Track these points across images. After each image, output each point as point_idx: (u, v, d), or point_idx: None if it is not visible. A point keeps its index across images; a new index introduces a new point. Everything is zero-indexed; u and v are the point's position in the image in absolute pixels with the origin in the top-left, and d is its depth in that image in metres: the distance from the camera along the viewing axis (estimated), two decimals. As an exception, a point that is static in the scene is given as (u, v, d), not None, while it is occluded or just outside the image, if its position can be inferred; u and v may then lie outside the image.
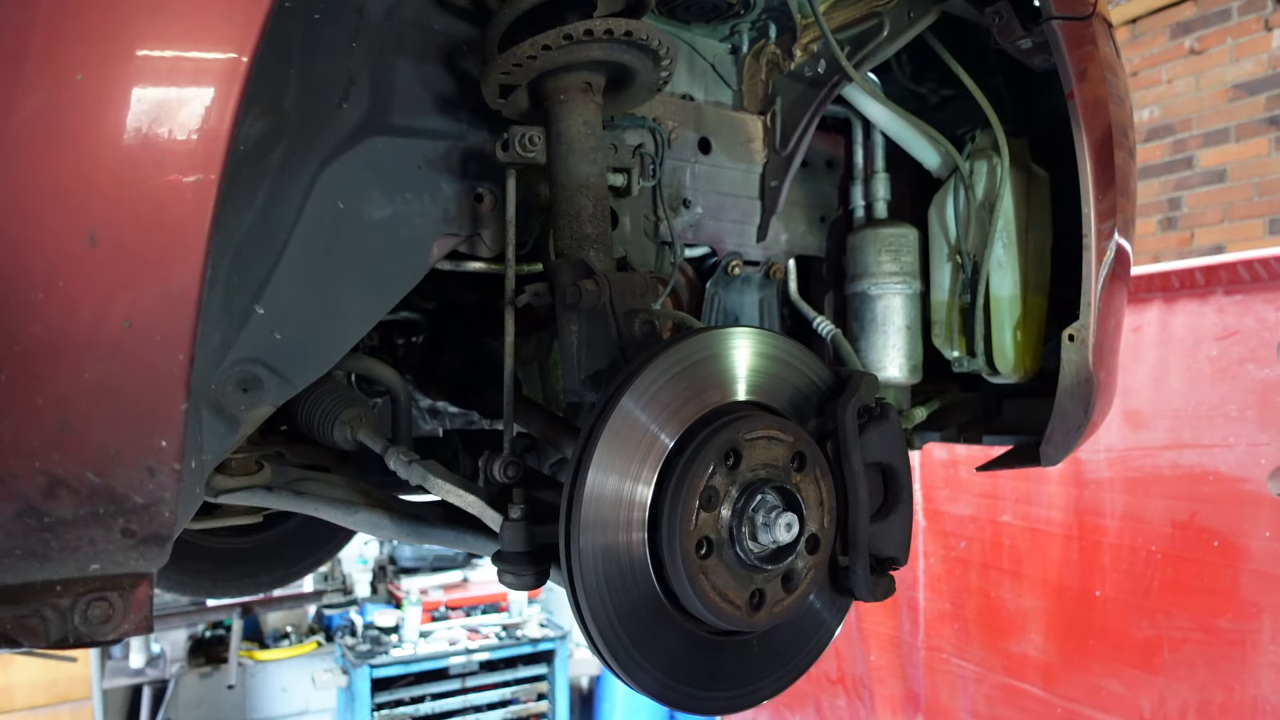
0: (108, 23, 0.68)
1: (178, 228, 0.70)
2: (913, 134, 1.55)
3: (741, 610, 0.85)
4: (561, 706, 6.06)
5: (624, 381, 0.83)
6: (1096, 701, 3.11)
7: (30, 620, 0.70)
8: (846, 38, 1.39)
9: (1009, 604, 3.44)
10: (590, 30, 0.98)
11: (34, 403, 0.67)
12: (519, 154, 1.06)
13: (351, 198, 1.02)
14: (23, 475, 0.67)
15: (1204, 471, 2.87)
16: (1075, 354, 1.35)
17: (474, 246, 1.14)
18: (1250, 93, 4.88)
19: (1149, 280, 3.03)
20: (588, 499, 0.81)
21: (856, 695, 4.15)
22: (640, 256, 1.33)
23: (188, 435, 0.73)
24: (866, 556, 0.93)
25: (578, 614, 0.83)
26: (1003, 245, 1.51)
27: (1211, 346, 2.88)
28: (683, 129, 1.38)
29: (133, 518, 0.71)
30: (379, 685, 5.56)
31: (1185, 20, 5.16)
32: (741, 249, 1.47)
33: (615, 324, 0.99)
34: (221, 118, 0.70)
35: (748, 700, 0.93)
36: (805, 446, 0.89)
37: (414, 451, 1.12)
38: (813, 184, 1.63)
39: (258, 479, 1.23)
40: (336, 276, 1.00)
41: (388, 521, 1.19)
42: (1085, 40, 1.29)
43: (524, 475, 1.04)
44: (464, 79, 1.11)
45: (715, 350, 0.88)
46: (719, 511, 0.84)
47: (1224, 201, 5.01)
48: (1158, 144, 5.25)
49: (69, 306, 0.67)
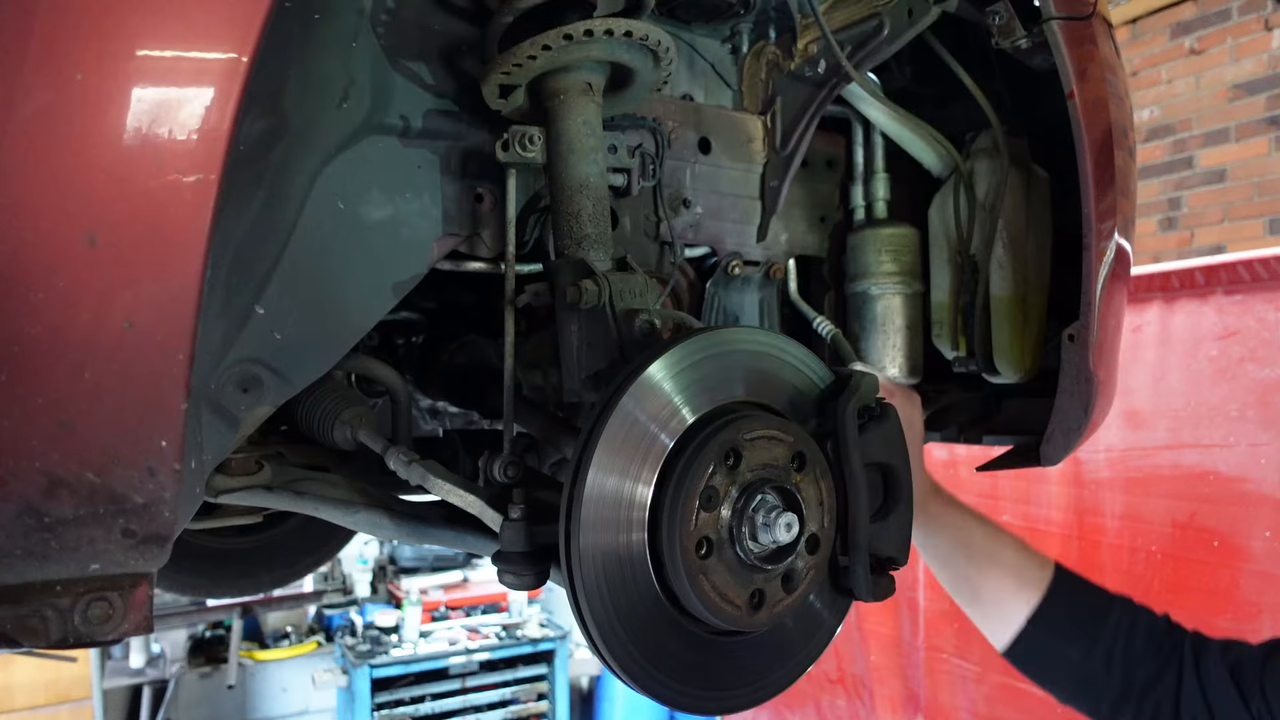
0: (107, 23, 0.68)
1: (177, 228, 0.70)
2: (913, 134, 1.55)
3: (741, 610, 0.85)
4: (561, 706, 6.06)
5: (624, 381, 0.83)
6: (1096, 701, 3.11)
7: (30, 620, 0.70)
8: (846, 38, 1.39)
9: (1009, 604, 3.44)
10: (590, 30, 0.98)
11: (34, 403, 0.67)
12: (519, 154, 1.06)
13: (351, 198, 1.02)
14: (23, 475, 0.67)
15: (1204, 471, 2.87)
16: (1075, 354, 1.35)
17: (474, 246, 1.14)
18: (1250, 93, 4.88)
19: (1149, 280, 3.04)
20: (588, 499, 0.81)
21: (856, 695, 4.15)
22: (640, 256, 1.33)
23: (188, 435, 0.73)
24: (866, 556, 0.93)
25: (578, 614, 0.83)
26: (1003, 245, 1.51)
27: (1211, 346, 2.88)
28: (683, 129, 1.38)
29: (133, 518, 0.71)
30: (379, 685, 5.57)
31: (1185, 20, 5.16)
32: (741, 249, 1.47)
33: (615, 324, 0.99)
34: (221, 118, 0.70)
35: (748, 700, 0.93)
36: (805, 446, 0.89)
37: (414, 451, 1.12)
38: (813, 184, 1.63)
39: (258, 479, 1.23)
40: (336, 276, 1.01)
41: (388, 521, 1.19)
42: (1085, 40, 1.29)
43: (524, 475, 1.04)
44: (464, 79, 1.11)
45: (715, 350, 0.88)
46: (719, 511, 0.84)
47: (1224, 201, 5.01)
48: (1158, 144, 5.26)
49: (69, 307, 0.67)
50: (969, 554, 1.36)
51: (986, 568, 1.35)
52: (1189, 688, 1.26)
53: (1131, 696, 1.29)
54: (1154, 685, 1.28)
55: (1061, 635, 1.32)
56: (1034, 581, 1.33)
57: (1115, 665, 1.29)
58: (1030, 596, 1.32)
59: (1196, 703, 1.25)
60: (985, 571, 1.35)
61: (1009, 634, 1.35)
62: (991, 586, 1.35)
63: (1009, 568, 1.34)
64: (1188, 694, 1.26)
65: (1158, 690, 1.27)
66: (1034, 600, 1.32)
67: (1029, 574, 1.34)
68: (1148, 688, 1.28)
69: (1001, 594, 1.34)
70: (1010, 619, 1.34)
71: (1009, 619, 1.34)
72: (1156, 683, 1.28)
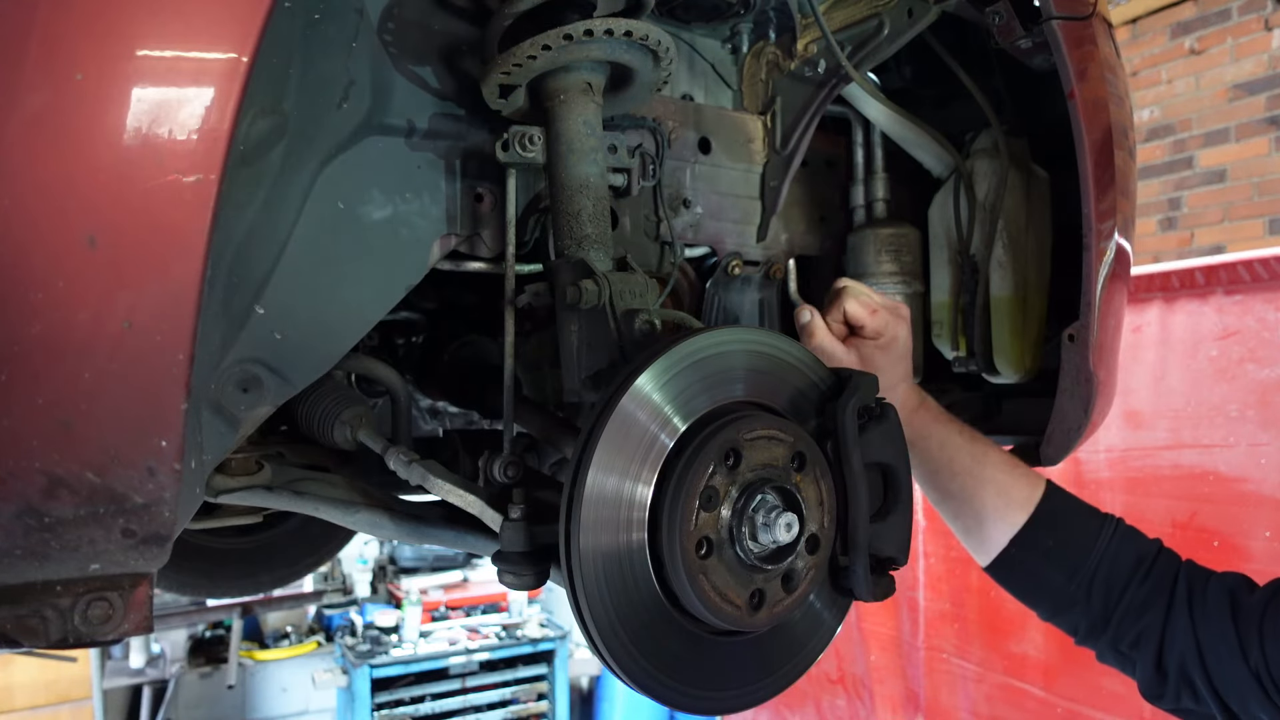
0: (107, 22, 0.68)
1: (177, 228, 0.70)
2: (913, 134, 1.55)
3: (741, 610, 0.85)
4: (561, 706, 6.06)
5: (624, 381, 0.83)
6: (1096, 701, 3.11)
7: (30, 620, 0.70)
8: (846, 38, 1.39)
9: (1009, 604, 3.43)
10: (590, 30, 0.98)
11: (34, 403, 0.67)
12: (519, 154, 1.06)
13: (351, 198, 1.02)
14: (23, 475, 0.67)
15: (1204, 471, 2.87)
16: (1075, 354, 1.35)
17: (474, 246, 1.13)
18: (1250, 93, 4.88)
19: (1149, 280, 3.04)
20: (588, 499, 0.81)
21: (856, 695, 4.15)
22: (640, 256, 1.33)
23: (188, 435, 0.73)
24: (866, 556, 0.93)
25: (578, 614, 0.83)
26: (1003, 245, 1.51)
27: (1211, 346, 2.88)
28: (683, 129, 1.38)
29: (133, 518, 0.71)
30: (379, 685, 5.57)
31: (1185, 20, 5.16)
32: (741, 249, 1.47)
33: (615, 324, 0.99)
34: (221, 118, 0.70)
35: (748, 700, 0.93)
36: (805, 446, 0.89)
37: (414, 451, 1.12)
38: (813, 184, 1.63)
39: (258, 479, 1.23)
40: (336, 277, 1.00)
41: (388, 521, 1.19)
42: (1085, 40, 1.29)
43: (524, 475, 1.04)
44: (464, 79, 1.11)
45: (715, 350, 0.88)
46: (719, 511, 0.84)
47: (1224, 201, 5.01)
48: (1158, 144, 5.25)
49: (69, 307, 0.67)
50: (953, 472, 1.31)
51: (971, 486, 1.29)
52: (1178, 623, 1.19)
53: (1110, 623, 1.23)
54: (1138, 615, 1.22)
55: (1043, 558, 1.27)
56: (1019, 503, 1.27)
57: (1096, 592, 1.23)
58: (1015, 518, 1.27)
59: (1185, 640, 1.18)
60: (970, 490, 1.29)
61: (990, 555, 1.30)
62: (975, 506, 1.29)
63: (994, 487, 1.28)
64: (1176, 629, 1.19)
65: (1141, 621, 1.21)
66: (1018, 522, 1.27)
67: (1015, 494, 1.28)
68: (1129, 616, 1.22)
69: (984, 514, 1.29)
70: (993, 540, 1.29)
71: (991, 540, 1.29)
72: (1142, 613, 1.21)
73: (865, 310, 1.27)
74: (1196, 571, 1.24)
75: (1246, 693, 1.11)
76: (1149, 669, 1.22)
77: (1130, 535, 1.28)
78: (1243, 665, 1.12)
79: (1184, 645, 1.18)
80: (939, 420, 1.35)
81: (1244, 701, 1.12)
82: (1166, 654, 1.20)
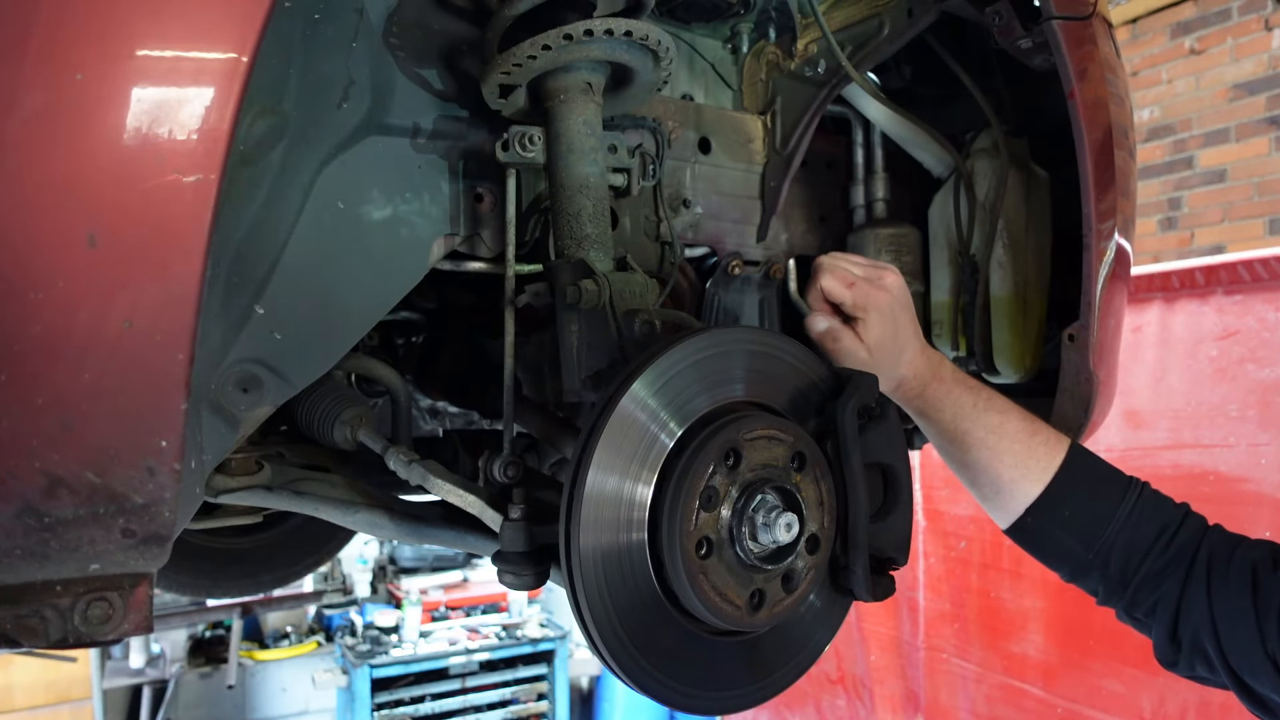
0: (107, 22, 0.68)
1: (178, 228, 0.70)
2: (913, 134, 1.55)
3: (741, 610, 0.85)
4: (561, 706, 6.06)
5: (624, 381, 0.83)
6: (1096, 701, 3.11)
7: (30, 620, 0.70)
8: (846, 37, 1.39)
9: (1009, 604, 3.44)
10: (590, 30, 0.98)
11: (34, 403, 0.67)
12: (519, 154, 1.06)
13: (351, 198, 1.02)
14: (22, 475, 0.67)
15: (1204, 471, 2.87)
16: (1075, 354, 1.35)
17: (474, 246, 1.13)
18: (1250, 93, 4.88)
19: (1149, 280, 3.04)
20: (588, 499, 0.81)
21: (856, 695, 4.15)
22: (640, 256, 1.33)
23: (188, 435, 0.73)
24: (866, 556, 0.93)
25: (578, 614, 0.83)
26: (1003, 245, 1.51)
27: (1211, 346, 2.88)
28: (683, 129, 1.38)
29: (133, 518, 0.71)
30: (379, 685, 5.57)
31: (1185, 20, 5.15)
32: (741, 249, 1.47)
33: (615, 324, 0.99)
34: (221, 118, 0.70)
35: (748, 700, 0.93)
36: (805, 446, 0.89)
37: (414, 451, 1.12)
38: (813, 184, 1.63)
39: (258, 479, 1.23)
40: (336, 276, 1.00)
41: (388, 521, 1.19)
42: (1085, 40, 1.29)
43: (524, 475, 1.04)
44: (464, 79, 1.11)
45: (715, 350, 0.88)
46: (719, 511, 0.84)
47: (1224, 201, 5.01)
48: (1158, 144, 5.25)
49: (69, 306, 0.67)
50: (967, 445, 1.28)
51: (986, 459, 1.27)
52: (1195, 595, 1.16)
53: (1127, 590, 1.22)
54: (1155, 584, 1.19)
55: (1061, 526, 1.24)
56: (1037, 473, 1.24)
57: (1115, 559, 1.21)
58: (1031, 490, 1.24)
59: (1200, 613, 1.15)
60: (985, 462, 1.27)
61: (1007, 521, 1.28)
62: (992, 476, 1.27)
63: (1010, 458, 1.25)
64: (1192, 601, 1.16)
65: (1159, 590, 1.19)
66: (1035, 491, 1.24)
67: (1032, 465, 1.25)
68: (1146, 585, 1.20)
69: (1001, 485, 1.26)
70: (1009, 508, 1.27)
71: (1008, 508, 1.27)
72: (1159, 582, 1.19)
73: (841, 284, 1.23)
74: (1221, 540, 1.20)
75: (1262, 674, 1.10)
76: (1163, 638, 1.20)
77: (1154, 501, 1.25)
78: (1259, 649, 1.10)
79: (1199, 618, 1.16)
80: (952, 392, 1.30)
81: (1259, 680, 1.11)
82: (1181, 625, 1.18)
